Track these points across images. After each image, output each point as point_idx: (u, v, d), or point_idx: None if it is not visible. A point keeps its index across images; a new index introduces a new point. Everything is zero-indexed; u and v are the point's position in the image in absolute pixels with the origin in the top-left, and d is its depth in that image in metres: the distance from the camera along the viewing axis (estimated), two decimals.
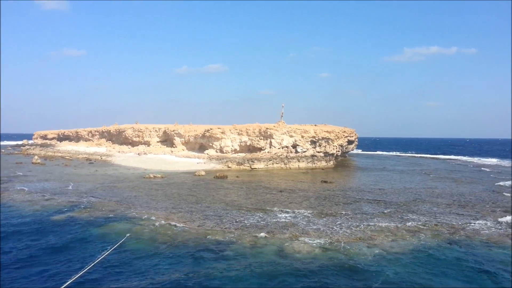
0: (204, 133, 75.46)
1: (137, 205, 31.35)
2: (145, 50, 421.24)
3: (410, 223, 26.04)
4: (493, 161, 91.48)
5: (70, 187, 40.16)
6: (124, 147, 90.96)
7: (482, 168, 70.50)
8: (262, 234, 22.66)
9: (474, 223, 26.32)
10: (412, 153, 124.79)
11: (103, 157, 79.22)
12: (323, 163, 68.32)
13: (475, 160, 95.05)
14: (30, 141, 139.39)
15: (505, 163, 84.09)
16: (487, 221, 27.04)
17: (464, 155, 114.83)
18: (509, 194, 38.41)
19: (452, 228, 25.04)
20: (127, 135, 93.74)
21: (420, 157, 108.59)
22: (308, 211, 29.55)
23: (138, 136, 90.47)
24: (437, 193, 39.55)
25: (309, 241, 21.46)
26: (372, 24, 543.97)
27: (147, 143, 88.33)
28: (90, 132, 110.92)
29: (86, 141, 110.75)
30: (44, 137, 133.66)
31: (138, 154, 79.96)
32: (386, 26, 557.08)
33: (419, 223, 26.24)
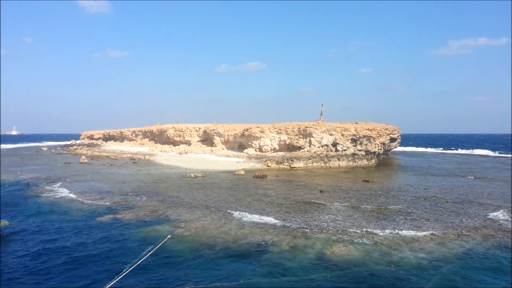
0: (243, 132, 75.82)
1: (178, 205, 31.89)
2: (185, 50, 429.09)
3: (458, 224, 24.87)
4: None
5: (116, 187, 41.48)
6: (166, 147, 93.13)
7: None
8: (303, 236, 22.39)
9: None
10: (458, 150, 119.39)
11: (146, 157, 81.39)
12: (364, 162, 66.78)
13: None
14: (78, 141, 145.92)
15: None
16: None
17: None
18: None
19: (504, 230, 23.69)
20: (168, 135, 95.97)
21: (468, 154, 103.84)
22: (349, 212, 28.93)
23: (179, 136, 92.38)
24: (488, 192, 37.61)
25: (351, 244, 20.96)
26: (415, 17, 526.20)
27: (188, 143, 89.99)
28: (134, 132, 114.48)
29: (130, 141, 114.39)
30: (91, 137, 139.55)
31: (179, 153, 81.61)
32: (429, 18, 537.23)
33: (468, 224, 25.01)
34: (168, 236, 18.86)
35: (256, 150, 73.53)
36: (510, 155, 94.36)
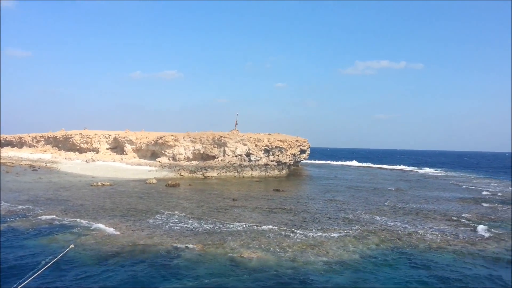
0: (156, 141, 73.94)
1: (83, 214, 30.03)
2: (97, 52, 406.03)
3: (358, 230, 26.72)
4: (436, 170, 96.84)
5: (10, 196, 37.81)
6: (71, 154, 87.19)
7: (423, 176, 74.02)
8: (212, 243, 22.40)
9: (420, 229, 27.45)
10: (361, 163, 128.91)
11: (48, 164, 75.50)
12: (276, 172, 68.99)
13: (417, 169, 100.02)
14: None
15: (444, 172, 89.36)
16: (431, 227, 28.29)
17: (407, 165, 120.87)
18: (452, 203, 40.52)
19: (398, 235, 25.96)
20: (74, 141, 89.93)
21: (369, 166, 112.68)
22: (260, 219, 29.60)
23: (87, 143, 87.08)
24: (384, 200, 40.99)
25: (260, 250, 21.46)
26: (327, 36, 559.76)
27: (96, 150, 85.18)
28: (35, 137, 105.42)
29: (30, 147, 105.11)
30: None
31: (86, 161, 76.90)
32: (338, 39, 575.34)
33: (368, 229, 26.99)
34: (71, 246, 17.67)
35: (169, 159, 72.05)
36: (407, 168, 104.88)
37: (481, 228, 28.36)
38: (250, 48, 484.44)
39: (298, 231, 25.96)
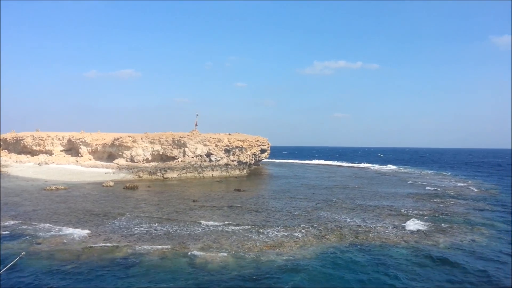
0: (113, 142, 71.95)
1: (35, 220, 28.77)
2: (47, 49, 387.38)
3: (318, 228, 27.24)
4: (391, 167, 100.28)
5: None
6: (23, 157, 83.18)
7: (382, 174, 76.58)
8: (172, 246, 22.13)
9: (375, 225, 28.36)
10: (321, 161, 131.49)
11: None
12: (236, 172, 69.02)
13: (375, 166, 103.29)
14: None
15: (399, 169, 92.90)
16: (386, 223, 29.30)
17: (367, 162, 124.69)
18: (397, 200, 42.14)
19: (355, 231, 26.70)
20: (26, 144, 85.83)
21: (327, 164, 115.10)
22: (221, 221, 29.52)
23: (39, 145, 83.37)
24: (342, 198, 42.01)
25: (221, 251, 21.43)
26: (286, 36, 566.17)
27: (49, 152, 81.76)
28: None
29: None
30: None
31: (39, 164, 73.66)
32: (298, 39, 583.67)
33: (327, 227, 27.57)
34: (22, 253, 16.91)
35: (127, 161, 70.33)
36: (362, 165, 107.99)
37: (433, 223, 29.73)
38: (210, 48, 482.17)
39: (259, 231, 26.13)
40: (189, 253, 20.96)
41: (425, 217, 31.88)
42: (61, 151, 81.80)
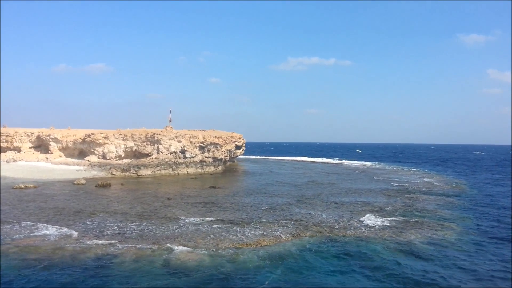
0: (84, 138, 70.24)
1: (3, 220, 27.75)
2: (14, 43, 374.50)
3: (294, 225, 27.40)
4: (366, 164, 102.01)
5: None
6: None
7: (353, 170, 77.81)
8: (146, 246, 21.80)
9: (350, 221, 28.77)
10: (296, 157, 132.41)
11: None
12: (211, 169, 68.69)
13: (349, 162, 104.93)
14: None
15: (373, 164, 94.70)
16: (360, 219, 29.77)
17: (342, 158, 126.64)
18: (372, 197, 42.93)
19: (330, 227, 27.00)
20: None
21: (303, 160, 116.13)
22: (197, 219, 29.29)
23: (6, 142, 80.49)
24: (317, 194, 42.43)
25: (197, 250, 21.25)
26: (260, 31, 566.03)
27: (18, 149, 79.12)
28: None
29: None
30: None
31: (6, 161, 71.19)
32: (272, 35, 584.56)
33: (303, 224, 27.77)
34: None
35: (99, 158, 68.84)
36: (336, 161, 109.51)
37: (404, 218, 30.44)
38: (183, 42, 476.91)
39: (235, 229, 26.07)
40: (165, 253, 20.69)
41: (397, 212, 32.59)
42: (30, 148, 79.29)
